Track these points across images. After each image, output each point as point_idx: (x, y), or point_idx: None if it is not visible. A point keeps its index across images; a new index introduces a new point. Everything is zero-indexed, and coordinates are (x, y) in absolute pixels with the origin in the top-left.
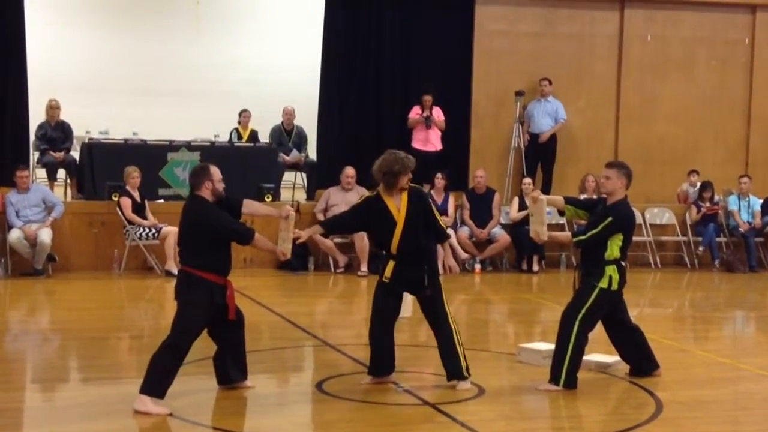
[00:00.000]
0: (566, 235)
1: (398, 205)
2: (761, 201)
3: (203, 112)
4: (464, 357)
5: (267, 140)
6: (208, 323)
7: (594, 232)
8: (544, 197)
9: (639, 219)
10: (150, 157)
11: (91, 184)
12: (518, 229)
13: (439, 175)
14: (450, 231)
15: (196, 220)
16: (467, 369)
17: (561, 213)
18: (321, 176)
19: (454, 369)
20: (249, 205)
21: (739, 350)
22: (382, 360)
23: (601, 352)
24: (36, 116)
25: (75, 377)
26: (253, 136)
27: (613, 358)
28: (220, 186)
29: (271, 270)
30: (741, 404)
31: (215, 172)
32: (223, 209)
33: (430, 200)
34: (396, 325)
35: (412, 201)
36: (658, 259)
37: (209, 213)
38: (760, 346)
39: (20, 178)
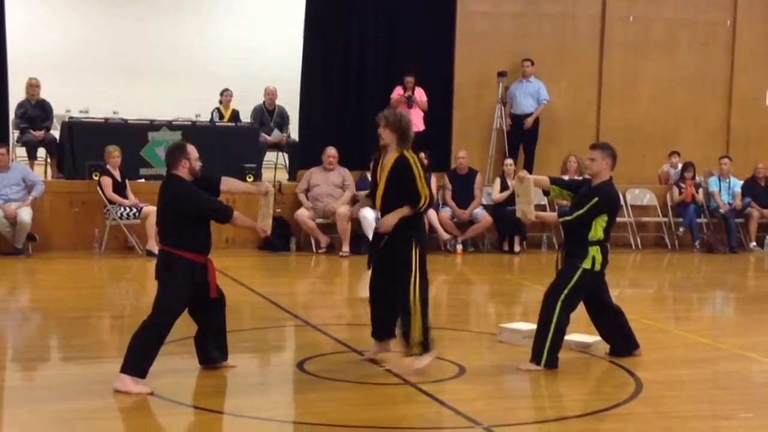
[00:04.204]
0: (552, 215)
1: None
2: (741, 182)
3: (185, 92)
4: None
5: (249, 120)
6: (190, 302)
7: (580, 212)
8: (530, 176)
9: (620, 200)
10: (131, 136)
11: (72, 164)
12: (500, 210)
13: (422, 154)
14: (431, 212)
15: (174, 199)
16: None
17: (546, 193)
18: (303, 156)
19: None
20: (227, 183)
21: (718, 330)
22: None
23: (581, 332)
24: (16, 95)
25: (55, 356)
26: (235, 115)
27: (593, 337)
28: (197, 164)
29: (253, 250)
30: (720, 383)
31: (192, 150)
32: (201, 187)
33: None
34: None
35: (395, 167)
36: (639, 240)
37: (187, 192)
38: (739, 327)
39: None
